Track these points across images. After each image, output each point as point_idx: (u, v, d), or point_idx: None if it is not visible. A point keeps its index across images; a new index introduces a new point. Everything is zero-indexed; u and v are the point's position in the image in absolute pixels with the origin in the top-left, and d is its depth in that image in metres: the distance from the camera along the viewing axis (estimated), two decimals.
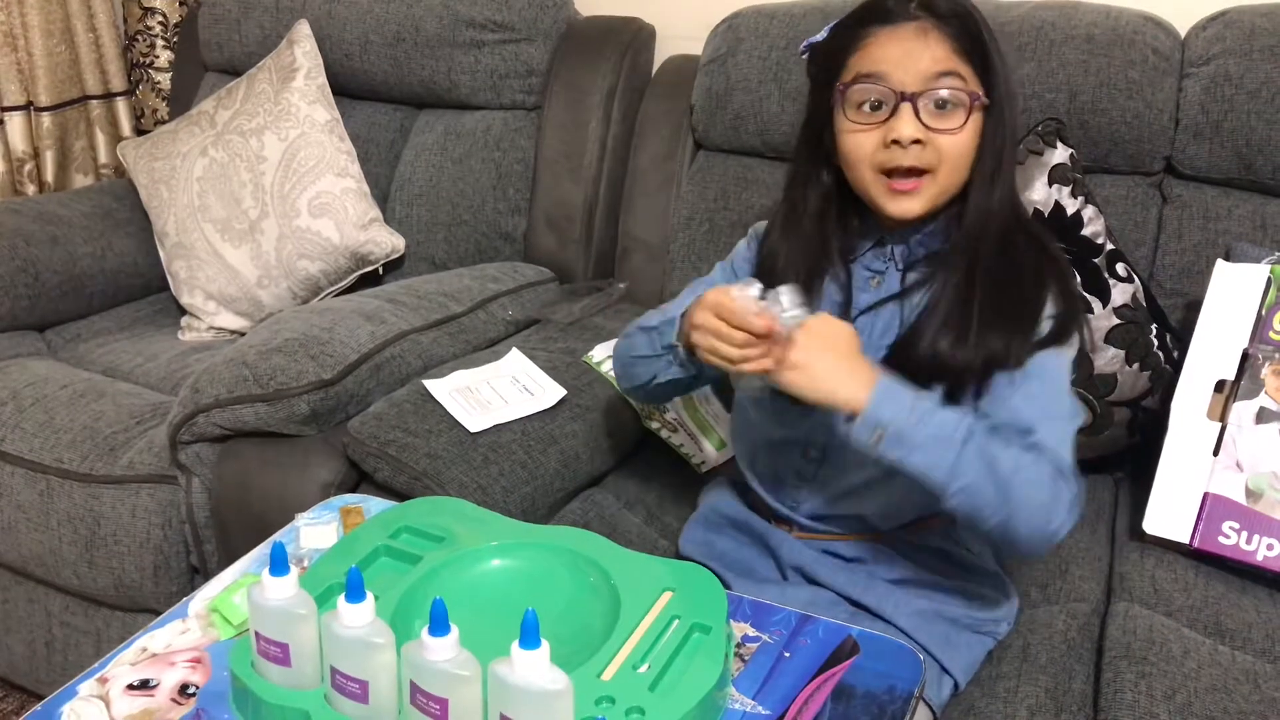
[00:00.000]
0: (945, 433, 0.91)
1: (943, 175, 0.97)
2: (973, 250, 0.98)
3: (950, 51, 0.95)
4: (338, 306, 1.46)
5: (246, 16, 1.98)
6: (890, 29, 0.96)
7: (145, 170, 1.88)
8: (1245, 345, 1.21)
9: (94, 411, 1.48)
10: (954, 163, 0.97)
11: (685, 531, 1.20)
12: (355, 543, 0.91)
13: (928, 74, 0.95)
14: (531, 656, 0.66)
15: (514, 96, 1.81)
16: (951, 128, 0.96)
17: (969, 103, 0.95)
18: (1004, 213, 1.00)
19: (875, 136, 0.97)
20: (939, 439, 0.91)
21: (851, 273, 1.06)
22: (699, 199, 1.67)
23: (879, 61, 0.96)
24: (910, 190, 0.97)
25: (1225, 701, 0.94)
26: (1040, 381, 0.96)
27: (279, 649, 0.74)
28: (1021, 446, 0.92)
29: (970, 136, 0.97)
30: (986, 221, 0.98)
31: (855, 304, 1.05)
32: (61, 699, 0.81)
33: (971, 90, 0.96)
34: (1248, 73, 1.35)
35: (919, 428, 0.90)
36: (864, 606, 1.04)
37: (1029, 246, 1.00)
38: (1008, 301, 0.97)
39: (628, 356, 1.13)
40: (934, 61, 0.95)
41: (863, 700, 0.80)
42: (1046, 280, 0.98)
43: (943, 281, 0.99)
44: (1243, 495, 1.16)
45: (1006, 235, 0.99)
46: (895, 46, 0.96)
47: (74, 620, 1.51)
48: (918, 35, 0.95)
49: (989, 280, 0.97)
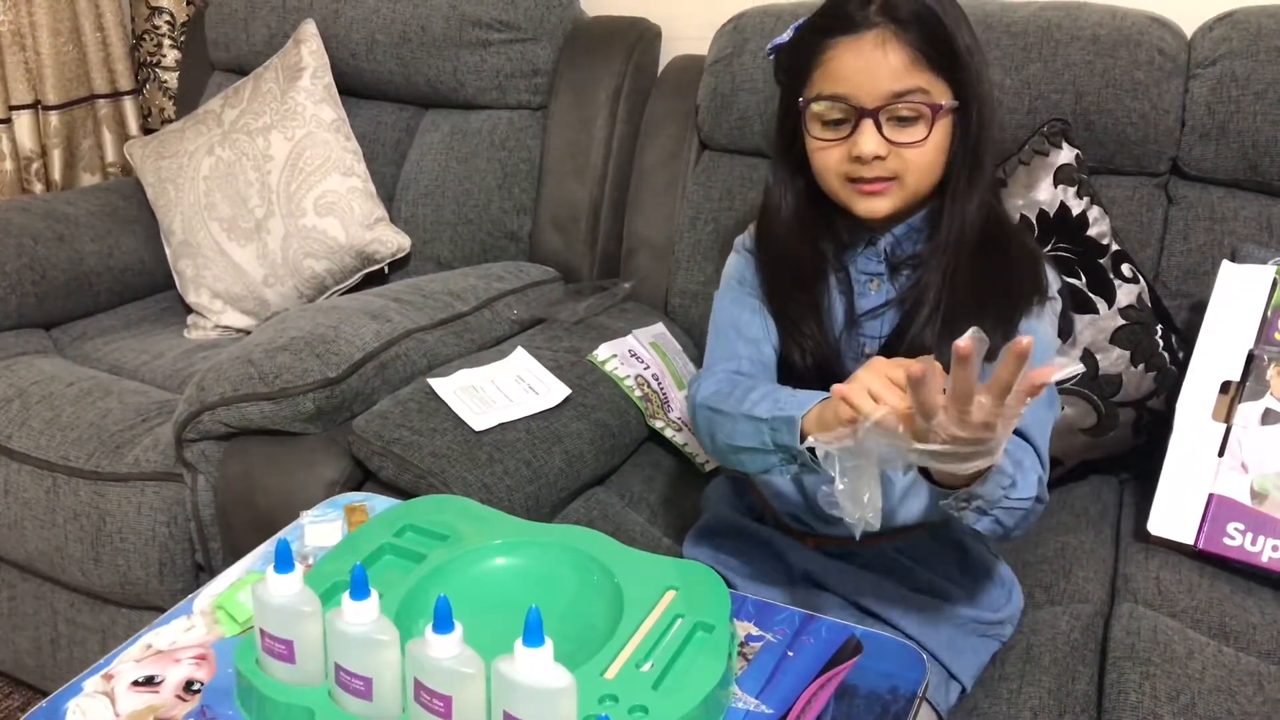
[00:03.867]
0: (1024, 498, 0.85)
1: (910, 181, 0.98)
2: (954, 248, 0.99)
3: (910, 62, 0.94)
4: (343, 305, 1.46)
5: (253, 16, 1.98)
6: (850, 39, 0.95)
7: (152, 169, 1.89)
8: (1250, 346, 1.20)
9: (100, 409, 1.48)
10: (920, 171, 0.97)
11: (689, 541, 1.19)
12: (360, 540, 0.91)
13: (886, 91, 0.94)
14: (535, 654, 0.66)
15: (520, 96, 1.81)
16: (915, 140, 0.96)
17: (931, 113, 0.95)
18: (984, 210, 1.00)
19: (840, 151, 0.98)
20: (1015, 505, 0.86)
21: (851, 275, 1.06)
22: (704, 199, 1.67)
23: (839, 79, 0.96)
24: (879, 191, 0.98)
25: (1229, 703, 0.94)
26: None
27: (284, 646, 0.74)
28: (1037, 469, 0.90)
29: (936, 144, 0.97)
30: (965, 220, 0.99)
31: (857, 308, 1.05)
32: (67, 695, 0.81)
33: (934, 102, 0.95)
34: (1254, 74, 1.35)
35: (1005, 498, 0.85)
36: (871, 612, 1.04)
37: (1008, 240, 1.02)
38: (991, 294, 0.97)
39: (729, 445, 0.97)
40: (893, 76, 0.94)
41: (865, 700, 0.80)
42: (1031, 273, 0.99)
43: (927, 279, 0.99)
44: (1248, 496, 1.15)
45: (987, 230, 1.00)
46: (855, 60, 0.95)
47: (79, 617, 1.51)
48: (877, 46, 0.94)
49: (972, 275, 0.98)
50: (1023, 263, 1.01)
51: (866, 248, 1.05)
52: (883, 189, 0.98)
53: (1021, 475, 0.86)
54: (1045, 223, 1.31)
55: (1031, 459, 0.90)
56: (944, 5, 0.96)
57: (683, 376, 1.51)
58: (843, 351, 1.04)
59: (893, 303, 1.03)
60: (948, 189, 0.99)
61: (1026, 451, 0.90)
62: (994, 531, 0.88)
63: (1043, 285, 0.99)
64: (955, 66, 0.96)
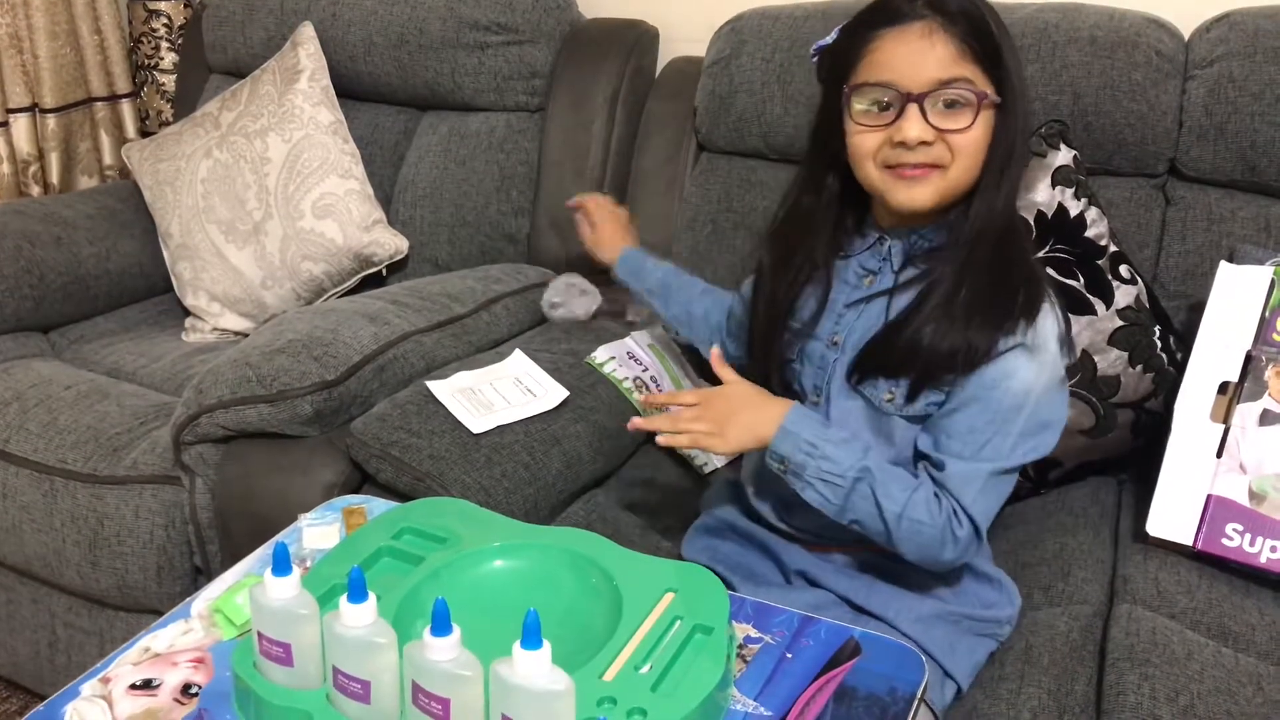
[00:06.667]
0: (837, 470, 0.97)
1: (955, 170, 0.97)
2: (971, 246, 0.98)
3: (956, 53, 0.95)
4: (341, 308, 1.46)
5: (251, 19, 1.98)
6: (897, 30, 0.96)
7: (150, 172, 1.88)
8: (1249, 347, 1.20)
9: (98, 412, 1.48)
10: (968, 158, 0.97)
11: (687, 539, 1.20)
12: (358, 543, 0.91)
13: (933, 78, 0.94)
14: (533, 657, 0.66)
15: (518, 98, 1.81)
16: (961, 126, 0.95)
17: (977, 101, 0.95)
18: (1007, 212, 1.00)
19: (881, 136, 0.98)
20: (829, 476, 0.97)
21: (835, 270, 1.07)
22: (702, 201, 1.67)
23: (885, 65, 0.96)
24: (921, 176, 0.97)
25: (1228, 704, 0.94)
26: (984, 409, 0.96)
27: (281, 649, 0.74)
28: (920, 489, 0.97)
29: (982, 133, 0.97)
30: (990, 218, 0.98)
31: (835, 300, 1.06)
32: (64, 699, 0.81)
33: (979, 90, 0.95)
34: (1251, 75, 1.35)
35: (811, 464, 0.98)
36: (867, 611, 1.04)
37: (1021, 251, 1.01)
38: (995, 298, 0.97)
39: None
40: (939, 65, 0.95)
41: (864, 702, 0.80)
42: (1034, 288, 0.98)
43: (937, 275, 0.99)
44: (1246, 497, 1.15)
45: (1004, 235, 0.99)
46: (901, 48, 0.96)
47: (77, 621, 1.51)
48: (923, 36, 0.95)
49: (981, 277, 0.97)
50: (1025, 281, 0.99)
51: (872, 246, 1.06)
52: (924, 174, 0.97)
53: (845, 451, 0.97)
54: (1043, 224, 1.31)
55: (900, 475, 0.98)
56: (990, 9, 0.97)
57: (681, 378, 1.51)
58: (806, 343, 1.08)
59: (882, 293, 1.03)
60: (977, 189, 0.99)
61: (898, 474, 0.98)
62: (826, 506, 0.98)
63: (1034, 310, 0.97)
64: (999, 64, 0.96)
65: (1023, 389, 0.96)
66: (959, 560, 1.00)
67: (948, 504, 0.97)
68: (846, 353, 1.04)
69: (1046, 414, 0.98)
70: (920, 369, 0.98)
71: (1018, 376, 0.95)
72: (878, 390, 1.01)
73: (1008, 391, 0.96)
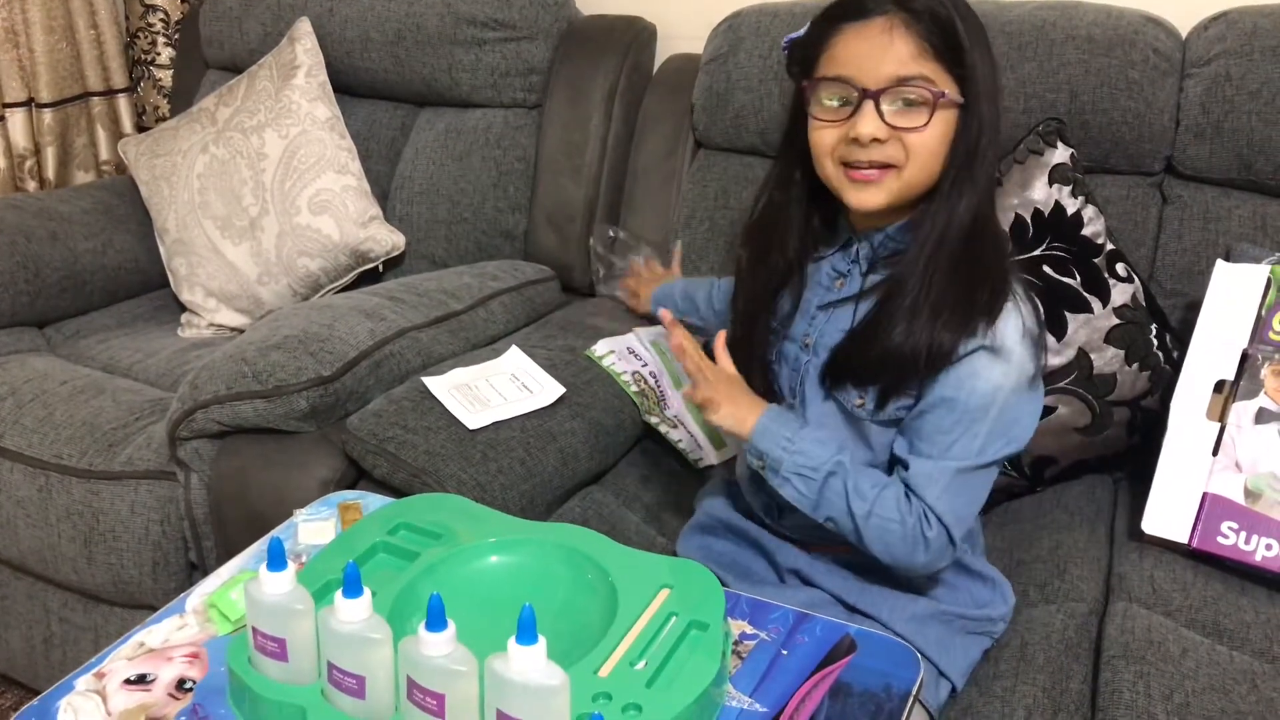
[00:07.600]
0: (811, 464, 0.98)
1: (910, 171, 0.96)
2: (932, 249, 0.97)
3: (916, 50, 0.94)
4: (337, 304, 1.46)
5: (248, 14, 1.98)
6: (859, 25, 0.95)
7: (146, 167, 1.88)
8: (1245, 345, 1.21)
9: (93, 408, 1.48)
10: (921, 159, 0.96)
11: (682, 536, 1.20)
12: (353, 539, 0.91)
13: (891, 75, 0.94)
14: (528, 652, 0.66)
15: (515, 95, 1.81)
16: (916, 125, 0.94)
17: (933, 100, 0.94)
18: (973, 213, 0.97)
19: (838, 132, 0.97)
20: (803, 470, 0.99)
21: (809, 271, 1.07)
22: (700, 197, 1.67)
23: (844, 61, 0.96)
24: (871, 180, 0.97)
25: (1223, 701, 0.94)
26: (951, 410, 0.96)
27: (276, 644, 0.74)
28: (889, 487, 0.98)
29: (939, 132, 0.95)
30: (951, 220, 0.96)
31: (808, 302, 1.06)
32: (58, 694, 0.81)
33: (937, 89, 0.94)
34: (1249, 73, 1.35)
35: (787, 459, 0.99)
36: (860, 610, 1.04)
37: (990, 252, 0.99)
38: (957, 301, 0.95)
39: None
40: (898, 62, 0.94)
41: (859, 698, 0.80)
42: (998, 288, 0.96)
43: (899, 279, 0.98)
44: (1242, 495, 1.16)
45: (969, 237, 0.97)
46: (862, 44, 0.95)
47: (72, 616, 1.51)
48: (884, 32, 0.94)
49: (941, 280, 0.96)
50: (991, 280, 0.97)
51: (841, 249, 1.06)
52: (877, 178, 0.96)
53: (820, 446, 0.99)
54: (1040, 222, 1.31)
55: (873, 474, 1.00)
56: (962, 11, 0.96)
57: (680, 376, 1.51)
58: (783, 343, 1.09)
59: (851, 298, 1.03)
60: (937, 190, 0.98)
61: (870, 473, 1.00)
62: (801, 502, 1.00)
63: (995, 311, 0.95)
64: (962, 64, 0.95)
65: (990, 389, 0.95)
66: (935, 565, 1.00)
67: (918, 505, 0.97)
68: (819, 355, 1.04)
69: (1016, 412, 0.97)
70: (885, 377, 0.98)
71: (983, 377, 0.95)
72: (849, 396, 1.01)
73: (974, 392, 0.95)
